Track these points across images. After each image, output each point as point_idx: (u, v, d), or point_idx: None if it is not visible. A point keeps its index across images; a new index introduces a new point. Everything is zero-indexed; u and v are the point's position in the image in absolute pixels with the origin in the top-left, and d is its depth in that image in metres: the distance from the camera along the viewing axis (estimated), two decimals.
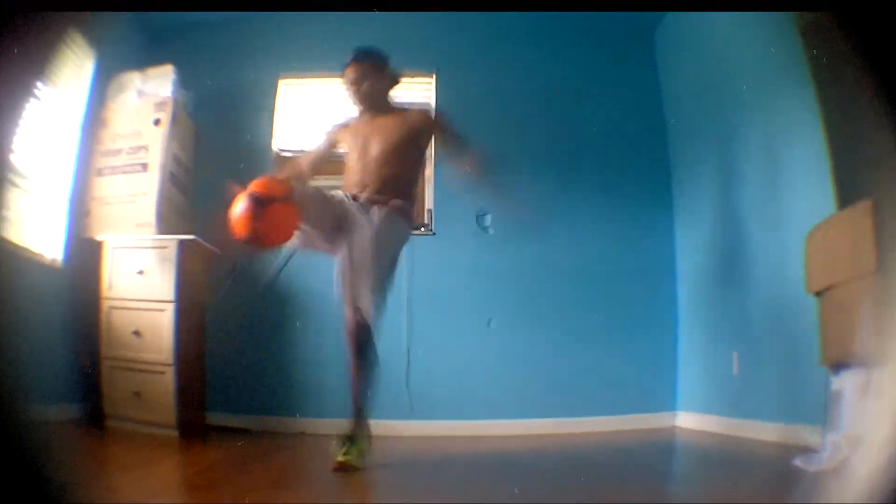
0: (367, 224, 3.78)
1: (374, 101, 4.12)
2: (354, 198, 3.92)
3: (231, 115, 5.99)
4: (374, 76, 4.08)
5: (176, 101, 5.29)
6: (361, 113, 4.18)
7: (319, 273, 4.20)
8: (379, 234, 3.75)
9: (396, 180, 3.98)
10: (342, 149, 4.21)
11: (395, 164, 3.99)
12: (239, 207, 3.36)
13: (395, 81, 4.21)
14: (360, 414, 3.75)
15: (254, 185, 3.42)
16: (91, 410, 4.74)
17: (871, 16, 1.68)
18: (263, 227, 3.38)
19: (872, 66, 1.70)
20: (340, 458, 3.47)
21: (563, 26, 6.11)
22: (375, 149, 4.01)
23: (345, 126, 4.24)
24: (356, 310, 3.70)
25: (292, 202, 3.47)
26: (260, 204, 3.33)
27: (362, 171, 4.02)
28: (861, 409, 2.89)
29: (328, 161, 4.35)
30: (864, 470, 1.76)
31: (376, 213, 3.84)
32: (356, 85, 4.08)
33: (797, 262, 3.63)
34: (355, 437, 3.63)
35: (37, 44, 1.71)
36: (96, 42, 5.07)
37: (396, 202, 3.91)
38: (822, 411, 3.27)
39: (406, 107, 4.30)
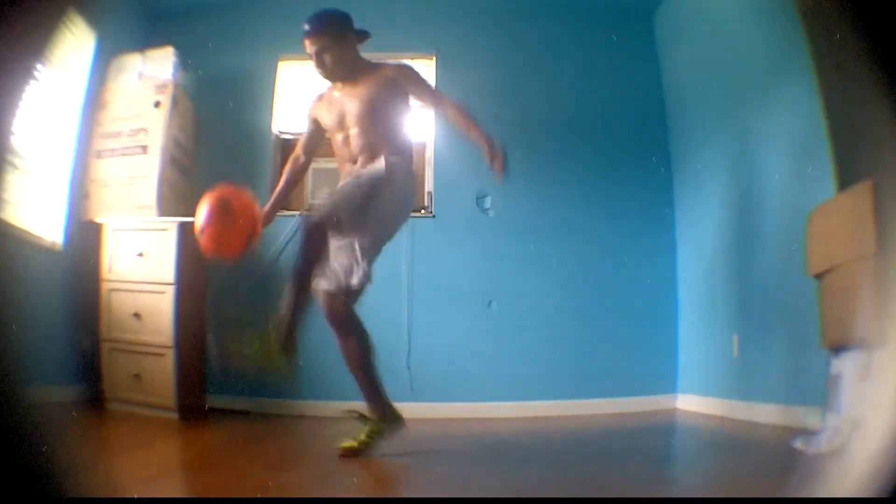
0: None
1: (340, 70, 3.80)
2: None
3: (231, 97, 5.98)
4: (334, 45, 3.74)
5: (176, 84, 5.28)
6: (332, 84, 3.93)
7: None
8: (354, 191, 3.63)
9: (383, 144, 3.75)
10: (324, 126, 3.98)
11: (378, 128, 3.76)
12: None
13: (361, 40, 3.91)
14: (369, 398, 3.66)
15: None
16: (91, 393, 4.76)
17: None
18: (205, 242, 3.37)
19: (873, 48, 1.69)
20: (344, 444, 3.45)
21: (564, 7, 6.09)
22: (353, 118, 3.79)
23: (319, 100, 4.03)
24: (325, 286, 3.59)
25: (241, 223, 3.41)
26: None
27: (347, 144, 3.83)
28: (861, 391, 2.89)
29: (323, 141, 4.14)
30: (863, 452, 1.76)
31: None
32: (317, 58, 3.76)
33: (797, 245, 3.62)
34: (366, 419, 3.59)
35: (36, 25, 1.70)
36: (96, 23, 5.06)
37: (384, 159, 3.68)
38: (822, 394, 3.28)
39: (377, 64, 3.95)
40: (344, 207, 3.58)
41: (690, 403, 5.46)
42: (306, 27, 3.74)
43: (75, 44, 4.95)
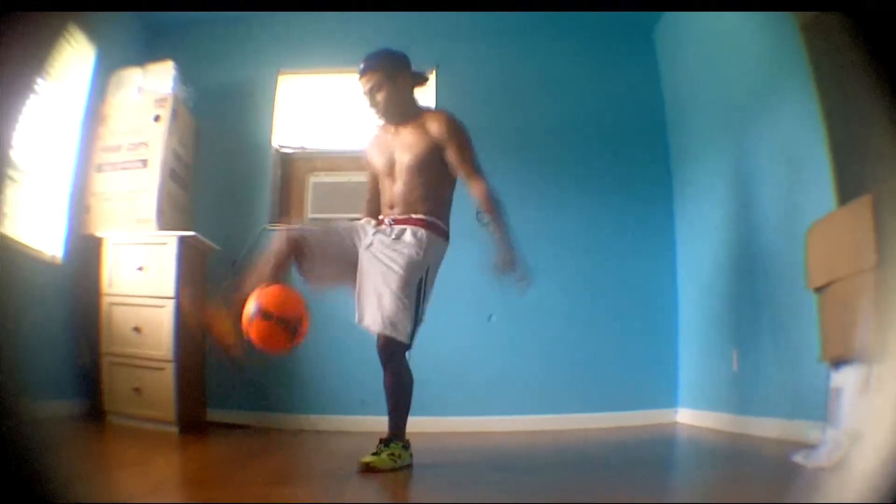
0: (387, 244, 3.66)
1: (393, 111, 3.77)
2: (380, 222, 3.79)
3: (231, 111, 6.00)
4: (388, 84, 3.70)
5: (176, 98, 5.29)
6: (383, 124, 3.90)
7: None
8: (396, 253, 3.63)
9: (422, 196, 3.75)
10: (374, 168, 3.95)
11: (419, 180, 3.73)
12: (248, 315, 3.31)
13: (418, 83, 3.88)
14: (393, 427, 3.68)
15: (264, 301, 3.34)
16: (91, 406, 4.76)
17: (873, 12, 1.68)
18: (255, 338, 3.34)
19: (873, 62, 1.70)
20: (365, 459, 3.43)
21: (564, 22, 6.11)
22: (399, 165, 3.75)
23: (373, 141, 3.96)
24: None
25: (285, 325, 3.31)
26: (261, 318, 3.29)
27: (389, 189, 3.79)
28: (861, 404, 2.88)
29: None
30: (864, 466, 1.76)
31: (400, 232, 3.70)
32: (370, 96, 3.74)
33: (798, 258, 3.63)
34: (389, 442, 3.59)
35: (37, 39, 1.71)
36: (96, 38, 5.08)
37: (421, 218, 3.73)
38: (822, 407, 3.27)
39: (429, 110, 3.94)
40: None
41: (690, 417, 5.46)
42: (361, 64, 3.73)
43: (75, 58, 4.97)
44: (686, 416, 5.54)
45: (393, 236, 3.69)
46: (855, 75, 1.91)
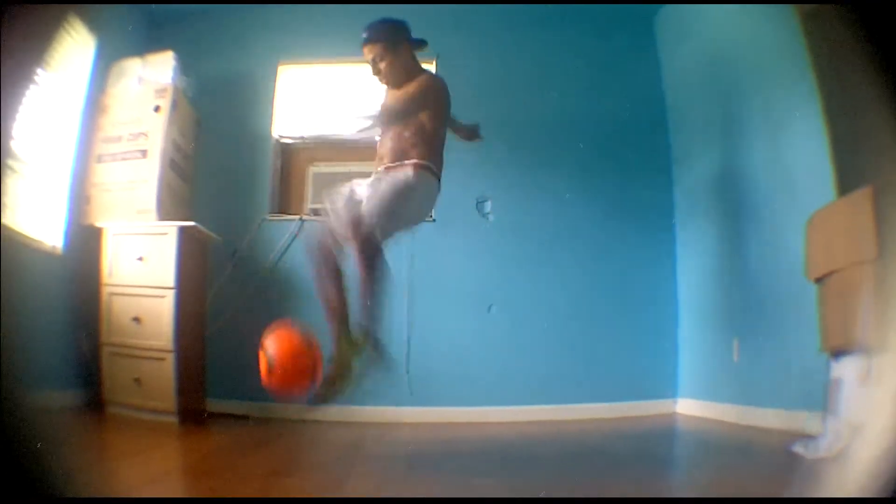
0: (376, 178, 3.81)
1: (395, 78, 4.00)
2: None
3: (231, 101, 5.99)
4: (389, 53, 3.94)
5: (176, 88, 5.28)
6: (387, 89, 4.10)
7: None
8: (379, 182, 3.76)
9: (408, 146, 3.88)
10: None
11: (403, 131, 3.90)
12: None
13: (418, 47, 4.09)
14: (365, 321, 3.65)
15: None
16: (91, 397, 4.75)
17: (872, 3, 1.68)
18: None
19: (873, 53, 1.69)
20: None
21: (565, 12, 6.09)
22: (387, 116, 3.96)
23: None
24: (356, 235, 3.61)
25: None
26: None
27: (380, 143, 4.00)
28: (861, 395, 2.89)
29: None
30: (864, 456, 1.76)
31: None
32: (374, 65, 3.98)
33: (797, 249, 3.63)
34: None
35: (37, 30, 1.70)
36: (97, 28, 5.06)
37: (411, 162, 3.84)
38: (822, 398, 3.28)
39: (422, 70, 4.15)
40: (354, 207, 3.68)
41: (690, 408, 5.46)
42: (364, 35, 3.94)
43: (76, 48, 4.96)
44: (686, 407, 5.54)
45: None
46: (855, 66, 1.91)
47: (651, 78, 6.16)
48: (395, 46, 3.96)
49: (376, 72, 3.99)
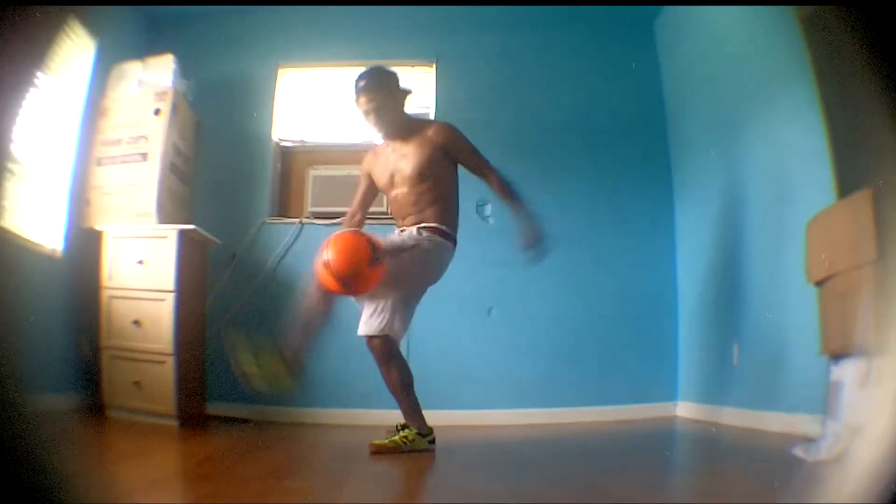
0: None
1: (390, 125, 3.98)
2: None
3: (231, 104, 5.99)
4: (386, 104, 3.92)
5: (176, 91, 5.28)
6: (383, 139, 4.10)
7: None
8: (398, 257, 3.75)
9: (430, 204, 3.95)
10: (376, 182, 4.17)
11: (425, 189, 3.94)
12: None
13: (405, 96, 4.07)
14: (407, 416, 3.91)
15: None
16: (91, 400, 4.75)
17: (873, 5, 1.68)
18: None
19: (873, 55, 1.69)
20: (375, 442, 3.72)
21: (564, 14, 6.10)
22: (402, 179, 3.97)
23: (373, 155, 4.19)
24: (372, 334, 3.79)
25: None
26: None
27: (397, 202, 4.04)
28: (861, 398, 2.89)
29: (375, 196, 4.33)
30: (864, 459, 1.76)
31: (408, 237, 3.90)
32: (367, 116, 3.95)
33: (798, 252, 3.62)
34: (405, 427, 3.87)
35: (37, 33, 1.70)
36: (97, 31, 5.07)
37: (429, 226, 3.92)
38: (821, 401, 3.27)
39: (423, 121, 4.24)
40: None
41: (691, 411, 5.46)
42: (360, 84, 3.93)
43: (75, 51, 4.96)
44: (686, 410, 5.54)
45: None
46: (855, 68, 1.91)
47: (651, 81, 6.16)
48: (391, 97, 3.96)
49: (373, 122, 3.98)
